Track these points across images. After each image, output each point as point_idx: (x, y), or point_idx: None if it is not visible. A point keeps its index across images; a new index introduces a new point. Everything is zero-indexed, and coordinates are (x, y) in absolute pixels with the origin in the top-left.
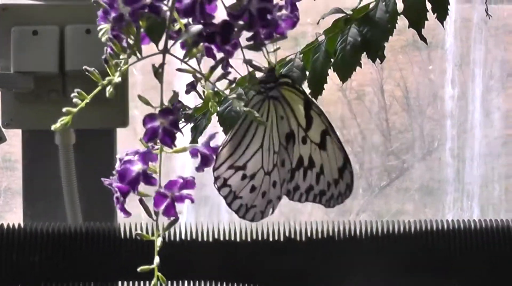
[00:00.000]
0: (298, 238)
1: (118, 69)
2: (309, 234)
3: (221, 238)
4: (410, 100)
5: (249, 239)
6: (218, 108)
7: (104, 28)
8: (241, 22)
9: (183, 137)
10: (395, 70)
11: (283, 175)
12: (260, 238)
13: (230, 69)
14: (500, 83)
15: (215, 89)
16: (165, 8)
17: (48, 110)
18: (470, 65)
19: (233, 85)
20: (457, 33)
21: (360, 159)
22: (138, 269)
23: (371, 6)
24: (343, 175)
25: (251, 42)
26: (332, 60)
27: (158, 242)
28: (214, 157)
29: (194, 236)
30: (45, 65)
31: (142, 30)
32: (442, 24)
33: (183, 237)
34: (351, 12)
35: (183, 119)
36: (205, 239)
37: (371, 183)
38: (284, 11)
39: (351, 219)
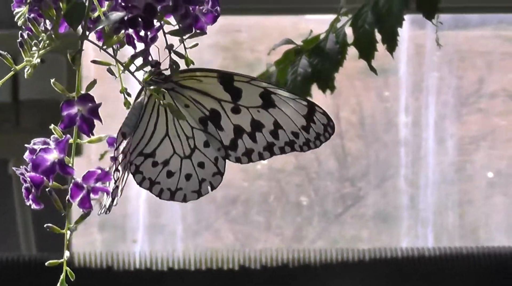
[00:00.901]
0: (252, 266)
1: (37, 51)
2: (263, 262)
3: (176, 267)
4: (366, 126)
5: (203, 268)
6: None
7: (20, 11)
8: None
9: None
10: (351, 96)
11: (213, 154)
12: (214, 266)
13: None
14: (454, 111)
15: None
16: None
17: (1, 140)
18: (423, 92)
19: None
20: (410, 60)
21: (315, 186)
22: (46, 263)
23: (321, 37)
24: (313, 119)
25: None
26: None
27: (68, 235)
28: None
29: (148, 265)
30: None
31: (62, 12)
32: (392, 55)
33: (137, 266)
34: (302, 43)
35: None
36: (159, 267)
37: (326, 209)
38: (205, 6)
39: (306, 247)
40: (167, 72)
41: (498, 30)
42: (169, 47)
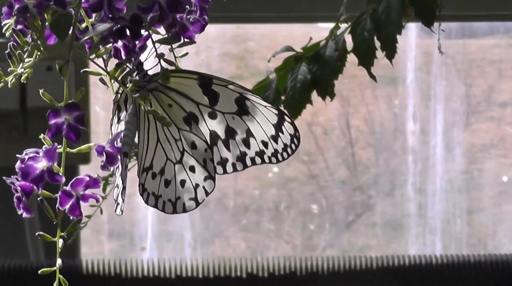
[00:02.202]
0: (260, 274)
1: (22, 61)
2: (271, 270)
3: (184, 275)
4: (376, 134)
5: (211, 275)
6: None
7: (8, 22)
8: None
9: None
10: (362, 105)
11: (201, 156)
12: (222, 274)
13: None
14: (463, 119)
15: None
16: (71, 4)
17: (9, 148)
18: (432, 100)
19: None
20: (419, 69)
21: (326, 194)
22: (39, 271)
23: (321, 44)
24: (282, 129)
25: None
26: (282, 97)
27: (60, 243)
28: (119, 156)
29: (156, 273)
30: (7, 102)
31: (47, 24)
32: (391, 62)
33: (145, 273)
34: (302, 51)
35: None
36: (167, 275)
37: (337, 218)
38: (193, 15)
39: (317, 255)
40: (151, 72)
41: (507, 39)
42: (160, 56)
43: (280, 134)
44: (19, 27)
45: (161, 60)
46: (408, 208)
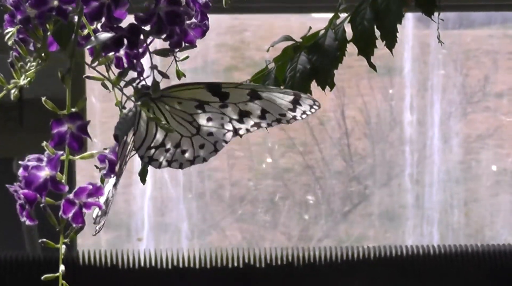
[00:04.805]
0: (257, 264)
1: (24, 72)
2: (268, 261)
3: (181, 265)
4: (372, 125)
5: (208, 266)
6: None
7: (10, 31)
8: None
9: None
10: (357, 96)
11: (218, 122)
12: (219, 264)
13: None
14: (460, 109)
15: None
16: (73, 12)
17: (4, 139)
18: (429, 91)
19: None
20: (415, 59)
21: (322, 185)
22: (42, 277)
23: (320, 33)
24: (299, 102)
25: (164, 48)
26: (281, 87)
27: (63, 249)
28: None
29: (153, 263)
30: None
31: (49, 33)
32: (391, 51)
33: (142, 264)
34: (301, 40)
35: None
36: (164, 266)
37: (333, 208)
38: (193, 20)
39: (312, 245)
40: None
41: (504, 29)
42: (153, 67)
43: (297, 106)
44: (21, 36)
45: (155, 71)
46: (405, 199)
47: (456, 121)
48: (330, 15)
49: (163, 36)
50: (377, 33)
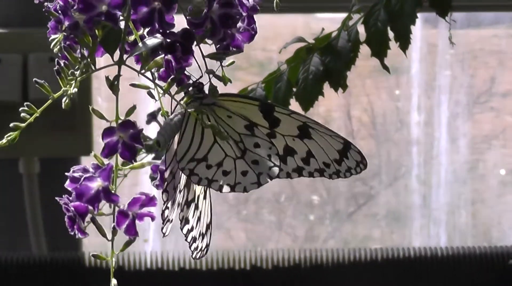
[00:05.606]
0: (264, 266)
1: (74, 79)
2: (275, 262)
3: (187, 267)
4: (377, 125)
5: (215, 268)
6: None
7: (56, 38)
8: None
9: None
10: (362, 95)
11: (265, 152)
12: (226, 266)
13: (188, 81)
14: (466, 109)
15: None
16: (121, 17)
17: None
18: (436, 91)
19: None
20: (422, 59)
21: (327, 185)
22: None
23: (333, 35)
24: (347, 155)
25: (213, 51)
26: (294, 89)
27: (113, 262)
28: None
29: (159, 265)
30: (8, 94)
31: (98, 39)
32: (405, 53)
33: (148, 266)
34: (314, 41)
35: (143, 150)
36: (170, 268)
37: (338, 209)
38: (241, 24)
39: (318, 246)
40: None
41: (510, 29)
42: (210, 72)
43: (344, 159)
44: (68, 43)
45: (211, 76)
46: (412, 200)
47: (462, 122)
48: (334, 15)
49: (216, 39)
50: (390, 34)
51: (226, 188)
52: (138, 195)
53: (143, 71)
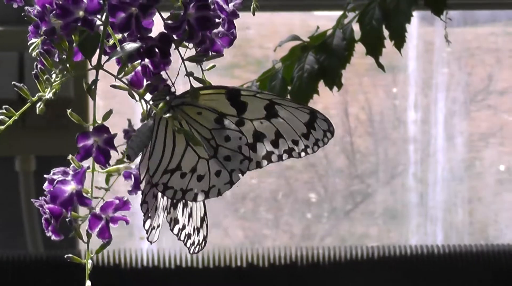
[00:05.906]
0: (261, 263)
1: (50, 84)
2: (272, 260)
3: (183, 265)
4: (375, 123)
5: (211, 265)
6: None
7: (35, 42)
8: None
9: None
10: (360, 93)
11: (236, 144)
12: (222, 264)
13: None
14: (463, 107)
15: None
16: (98, 22)
17: (7, 137)
18: (433, 89)
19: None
20: (419, 57)
21: (324, 183)
22: None
23: (328, 33)
24: (314, 126)
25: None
26: (289, 87)
27: (89, 265)
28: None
29: (156, 263)
30: (4, 92)
31: (74, 45)
32: (400, 51)
33: (144, 263)
34: (309, 40)
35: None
36: (167, 265)
37: (335, 207)
38: (220, 28)
39: (315, 244)
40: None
41: (508, 27)
42: (189, 74)
43: (312, 131)
44: (45, 48)
45: (191, 79)
46: (409, 198)
47: (459, 120)
48: (331, 13)
49: (195, 42)
50: (385, 32)
51: (200, 196)
52: (112, 199)
53: (120, 76)
